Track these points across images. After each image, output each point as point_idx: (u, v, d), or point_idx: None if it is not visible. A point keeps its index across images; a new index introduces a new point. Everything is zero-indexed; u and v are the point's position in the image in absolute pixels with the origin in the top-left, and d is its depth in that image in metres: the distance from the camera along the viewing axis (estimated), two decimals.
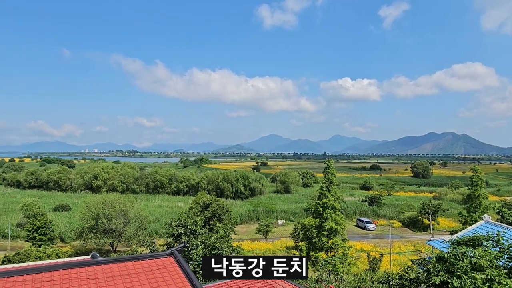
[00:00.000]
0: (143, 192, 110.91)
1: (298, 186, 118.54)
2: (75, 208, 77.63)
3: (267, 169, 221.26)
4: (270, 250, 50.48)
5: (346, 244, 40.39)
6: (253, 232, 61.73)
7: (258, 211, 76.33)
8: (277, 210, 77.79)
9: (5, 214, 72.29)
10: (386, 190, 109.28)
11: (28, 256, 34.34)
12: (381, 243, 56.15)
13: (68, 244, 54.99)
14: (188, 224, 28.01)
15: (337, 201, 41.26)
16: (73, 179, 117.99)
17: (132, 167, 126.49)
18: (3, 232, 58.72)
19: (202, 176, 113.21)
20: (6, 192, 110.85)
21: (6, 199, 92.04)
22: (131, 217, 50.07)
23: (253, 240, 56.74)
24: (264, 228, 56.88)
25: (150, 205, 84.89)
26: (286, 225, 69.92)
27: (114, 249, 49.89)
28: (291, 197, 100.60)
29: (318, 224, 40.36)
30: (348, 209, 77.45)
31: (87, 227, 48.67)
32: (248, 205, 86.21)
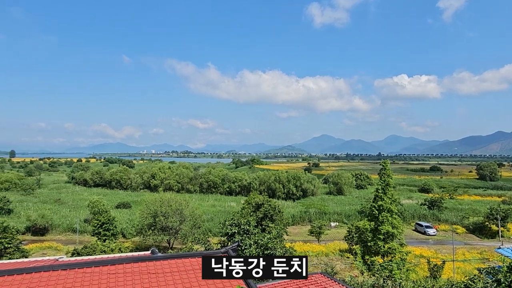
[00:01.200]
0: (197, 192, 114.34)
1: (351, 187, 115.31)
2: (135, 206, 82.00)
3: (319, 170, 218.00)
4: (323, 252, 49.57)
5: (404, 249, 38.51)
6: (305, 233, 61.05)
7: (310, 212, 75.40)
8: (330, 212, 76.26)
9: (74, 210, 78.19)
10: (448, 193, 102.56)
11: (94, 249, 36.88)
12: (442, 250, 52.80)
13: (129, 240, 58.19)
14: (241, 224, 28.35)
15: (394, 204, 39.49)
16: (133, 178, 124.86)
17: (186, 168, 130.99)
18: (73, 226, 63.63)
19: (254, 177, 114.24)
20: (74, 190, 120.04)
21: (74, 197, 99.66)
22: (186, 215, 51.78)
23: (305, 241, 56.09)
24: (317, 230, 56.00)
25: (204, 205, 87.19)
26: (339, 228, 68.30)
27: (171, 246, 51.93)
28: (344, 199, 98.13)
29: (374, 227, 38.90)
30: (405, 213, 73.86)
31: (146, 224, 51.22)
32: (300, 206, 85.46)
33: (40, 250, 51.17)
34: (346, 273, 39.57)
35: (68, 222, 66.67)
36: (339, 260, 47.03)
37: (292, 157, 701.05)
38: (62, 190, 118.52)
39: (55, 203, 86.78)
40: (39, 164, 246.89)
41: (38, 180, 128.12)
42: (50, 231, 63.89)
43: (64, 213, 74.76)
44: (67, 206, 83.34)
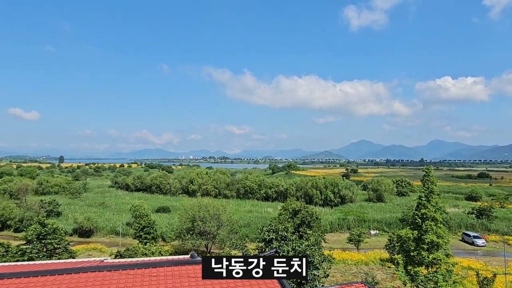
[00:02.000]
0: (234, 197, 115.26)
1: (392, 194, 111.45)
2: (174, 210, 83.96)
3: (357, 176, 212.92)
4: (362, 261, 48.12)
5: (450, 260, 36.47)
6: (344, 241, 59.63)
7: (348, 219, 73.64)
8: (369, 219, 74.06)
9: (117, 213, 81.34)
10: (499, 202, 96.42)
11: (136, 252, 38.08)
12: (493, 262, 49.55)
13: (168, 243, 59.58)
14: (279, 230, 28.17)
15: (438, 212, 37.60)
16: (172, 183, 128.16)
17: (223, 173, 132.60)
18: (116, 229, 66.18)
19: (291, 183, 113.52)
20: (117, 194, 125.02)
21: (117, 201, 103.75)
22: (224, 220, 52.23)
23: (344, 249, 54.76)
24: (356, 237, 54.52)
25: (241, 210, 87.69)
26: (380, 236, 66.12)
27: (209, 251, 52.55)
28: (384, 206, 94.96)
29: (417, 236, 37.22)
30: (451, 222, 70.21)
31: (184, 229, 52.21)
32: (338, 213, 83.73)
33: (86, 251, 53.61)
34: (388, 284, 38.15)
35: (111, 225, 69.44)
36: (380, 269, 45.42)
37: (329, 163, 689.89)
38: (106, 194, 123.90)
39: (100, 207, 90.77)
40: (85, 169, 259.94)
41: (84, 185, 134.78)
42: (95, 233, 66.81)
43: (108, 216, 77.93)
44: (111, 210, 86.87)
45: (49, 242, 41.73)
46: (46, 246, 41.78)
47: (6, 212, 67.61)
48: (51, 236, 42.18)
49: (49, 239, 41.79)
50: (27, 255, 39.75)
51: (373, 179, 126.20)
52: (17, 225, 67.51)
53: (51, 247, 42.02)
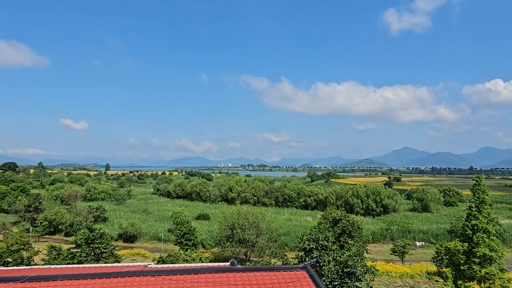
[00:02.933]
0: (273, 205, 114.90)
1: (438, 204, 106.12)
2: (213, 217, 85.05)
3: (400, 185, 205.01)
4: (407, 273, 45.99)
5: (506, 276, 34.00)
6: (387, 252, 57.38)
7: (392, 230, 70.90)
8: (414, 230, 70.88)
9: (159, 220, 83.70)
10: None
11: (177, 258, 38.88)
12: None
13: (208, 250, 60.32)
14: (319, 239, 27.64)
15: (491, 223, 35.29)
16: (211, 191, 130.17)
17: (262, 181, 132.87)
18: (158, 235, 68.06)
19: (330, 191, 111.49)
20: (159, 201, 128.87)
21: (159, 207, 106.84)
22: (263, 228, 52.13)
23: (388, 261, 52.66)
24: (400, 249, 52.29)
25: (280, 218, 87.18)
26: (426, 248, 63.01)
27: (248, 258, 52.57)
28: (430, 217, 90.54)
29: (467, 249, 35.10)
30: (505, 234, 65.58)
31: (224, 236, 52.71)
32: (381, 223, 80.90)
33: (130, 256, 55.49)
34: None
35: (153, 231, 71.51)
36: (427, 283, 43.17)
37: (370, 171, 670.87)
38: (148, 201, 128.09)
39: (143, 213, 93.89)
40: (129, 176, 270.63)
41: (128, 192, 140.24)
42: (138, 238, 69.09)
43: (150, 222, 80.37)
44: (153, 216, 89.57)
45: (97, 246, 43.70)
46: (94, 250, 43.79)
47: (58, 217, 71.67)
48: (99, 240, 44.15)
49: (96, 243, 43.78)
50: (77, 258, 41.83)
51: (417, 188, 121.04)
52: (67, 229, 71.33)
53: (99, 251, 43.97)
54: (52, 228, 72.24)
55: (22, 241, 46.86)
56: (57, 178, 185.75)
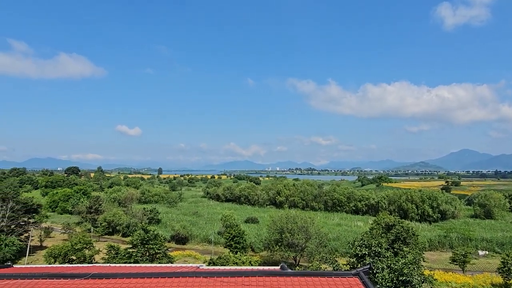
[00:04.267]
0: (322, 210, 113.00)
1: (504, 210, 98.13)
2: (262, 221, 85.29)
3: (459, 189, 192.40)
4: (469, 284, 42.91)
5: None
6: (446, 261, 54.03)
7: (451, 237, 66.66)
8: (476, 238, 66.06)
9: (209, 223, 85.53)
10: None
11: (227, 260, 39.46)
12: None
13: (257, 254, 60.54)
14: (372, 245, 26.65)
15: None
16: (260, 194, 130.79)
17: (310, 185, 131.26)
18: (208, 238, 69.55)
19: (382, 196, 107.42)
20: (209, 204, 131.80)
21: (209, 210, 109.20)
22: (312, 233, 51.37)
23: (447, 270, 49.54)
24: (461, 258, 48.99)
25: (329, 223, 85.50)
26: (490, 257, 58.46)
27: (297, 263, 52.03)
28: (494, 224, 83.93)
29: None
30: None
31: (273, 240, 52.65)
32: (438, 230, 76.44)
33: (182, 257, 57.23)
34: None
35: (204, 233, 73.20)
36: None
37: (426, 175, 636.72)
38: (198, 204, 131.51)
39: (193, 216, 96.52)
40: (180, 180, 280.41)
41: (180, 195, 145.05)
42: (189, 240, 71.11)
43: (201, 225, 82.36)
44: (203, 219, 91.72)
45: (151, 247, 45.62)
46: (149, 251, 45.75)
47: (116, 218, 75.82)
48: (153, 241, 46.06)
49: (151, 244, 45.71)
50: (133, 258, 43.94)
51: (479, 192, 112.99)
52: (124, 230, 75.21)
53: (153, 251, 45.86)
54: (111, 228, 76.50)
55: (84, 241, 50.14)
56: (115, 181, 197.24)
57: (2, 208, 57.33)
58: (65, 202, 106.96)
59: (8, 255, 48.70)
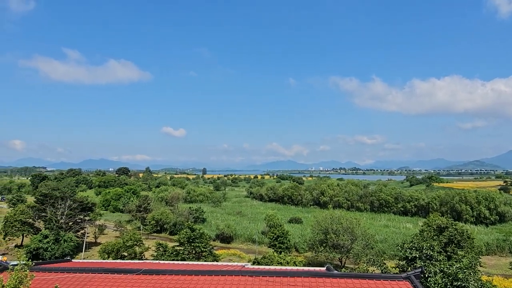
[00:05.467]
0: (368, 210, 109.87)
1: None
2: (306, 221, 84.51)
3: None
4: None
5: None
6: (506, 266, 50.44)
7: (511, 241, 62.13)
8: None
9: (253, 222, 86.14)
10: None
11: (272, 260, 39.49)
12: None
13: (301, 254, 60.06)
14: (423, 248, 25.42)
15: None
16: (303, 194, 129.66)
17: (355, 185, 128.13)
18: (252, 237, 70.06)
19: (433, 196, 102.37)
20: (252, 204, 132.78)
21: (253, 210, 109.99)
22: (358, 234, 50.11)
23: (507, 276, 46.20)
24: None
25: (376, 224, 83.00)
26: None
27: (343, 265, 50.97)
28: None
29: None
30: None
31: (317, 240, 51.98)
32: (496, 233, 71.55)
33: (227, 256, 58.08)
34: None
35: (248, 232, 73.82)
36: None
37: (481, 174, 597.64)
38: (242, 203, 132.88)
39: (237, 215, 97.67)
40: (224, 180, 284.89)
41: (224, 194, 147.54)
42: (234, 239, 72.04)
43: (245, 224, 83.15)
44: (247, 218, 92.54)
45: (197, 245, 46.78)
46: (195, 249, 46.94)
47: (163, 217, 78.60)
48: (199, 240, 47.20)
49: (197, 242, 46.88)
50: (180, 255, 45.31)
51: None
52: (171, 228, 77.77)
53: (199, 250, 47.00)
54: (159, 227, 79.42)
55: (135, 238, 52.44)
56: (162, 181, 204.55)
57: (61, 206, 61.46)
58: (116, 201, 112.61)
59: (66, 250, 52.12)
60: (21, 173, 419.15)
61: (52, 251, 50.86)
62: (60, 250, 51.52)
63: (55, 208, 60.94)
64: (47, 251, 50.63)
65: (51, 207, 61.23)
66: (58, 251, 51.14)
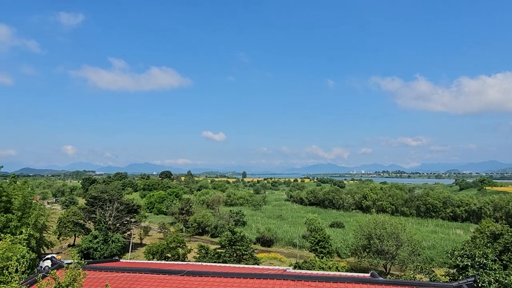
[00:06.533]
0: (414, 215, 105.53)
1: None
2: (347, 225, 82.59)
3: None
4: None
5: None
6: None
7: None
8: None
9: (293, 226, 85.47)
10: None
11: (313, 265, 38.92)
12: None
13: (344, 260, 58.67)
14: (475, 256, 23.92)
15: None
16: (344, 198, 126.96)
17: (400, 188, 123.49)
18: (293, 241, 69.49)
19: (486, 201, 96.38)
20: (292, 207, 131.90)
21: (293, 214, 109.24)
22: (403, 240, 48.15)
23: None
24: None
25: (423, 230, 79.54)
26: None
27: (388, 271, 49.16)
28: None
29: None
30: None
31: (360, 246, 50.57)
32: None
33: (267, 259, 58.01)
34: None
35: (288, 236, 73.32)
36: None
37: None
38: (282, 207, 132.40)
39: (277, 219, 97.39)
40: (264, 183, 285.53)
41: (264, 198, 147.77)
42: (274, 243, 71.82)
43: (285, 228, 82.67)
44: (287, 222, 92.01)
45: (238, 248, 47.13)
46: (236, 252, 47.32)
47: (205, 219, 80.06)
48: (240, 243, 47.54)
49: (238, 245, 47.24)
50: (222, 258, 45.86)
51: None
52: (212, 231, 78.99)
53: (240, 253, 47.31)
54: (200, 229, 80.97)
55: (178, 240, 53.82)
56: (203, 184, 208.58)
57: (109, 208, 64.42)
58: (160, 204, 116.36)
59: (114, 251, 54.50)
60: (72, 176, 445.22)
61: (101, 251, 53.40)
62: (108, 250, 53.96)
63: (104, 210, 63.95)
64: (96, 251, 53.24)
65: (100, 209, 64.33)
66: (106, 251, 53.61)
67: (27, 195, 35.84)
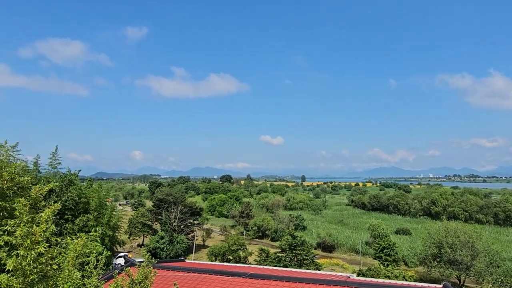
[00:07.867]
0: (491, 223, 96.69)
1: None
2: (415, 233, 78.02)
3: None
4: None
5: None
6: None
7: None
8: None
9: (356, 232, 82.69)
10: None
11: (378, 273, 37.22)
12: None
13: (411, 269, 55.40)
14: None
15: None
16: (411, 204, 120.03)
17: (474, 194, 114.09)
18: (355, 247, 67.17)
19: None
20: (354, 212, 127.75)
21: (355, 219, 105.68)
22: (479, 250, 44.26)
23: None
24: None
25: (502, 239, 72.69)
26: None
27: (462, 283, 45.49)
28: None
29: None
30: None
31: (430, 255, 47.45)
32: None
33: (329, 265, 56.65)
34: None
35: (350, 242, 71.05)
36: None
37: None
38: (343, 212, 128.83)
39: (339, 224, 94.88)
40: (324, 187, 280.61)
41: (324, 202, 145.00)
42: (336, 249, 70.03)
43: (347, 233, 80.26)
44: (349, 227, 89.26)
45: (299, 252, 46.66)
46: (296, 256, 46.90)
47: (265, 223, 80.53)
48: (300, 247, 47.04)
49: (298, 250, 46.79)
50: (282, 262, 45.71)
51: None
52: (272, 234, 79.15)
53: (300, 257, 46.80)
54: (260, 232, 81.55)
55: (239, 243, 54.72)
56: (262, 188, 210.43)
57: (173, 210, 67.46)
58: (221, 207, 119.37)
59: (179, 251, 56.92)
60: (141, 180, 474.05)
61: (167, 251, 56.06)
62: (173, 250, 56.48)
63: (169, 212, 67.10)
64: (163, 251, 56.00)
65: (166, 211, 67.60)
66: (172, 251, 56.15)
67: (102, 197, 38.88)
